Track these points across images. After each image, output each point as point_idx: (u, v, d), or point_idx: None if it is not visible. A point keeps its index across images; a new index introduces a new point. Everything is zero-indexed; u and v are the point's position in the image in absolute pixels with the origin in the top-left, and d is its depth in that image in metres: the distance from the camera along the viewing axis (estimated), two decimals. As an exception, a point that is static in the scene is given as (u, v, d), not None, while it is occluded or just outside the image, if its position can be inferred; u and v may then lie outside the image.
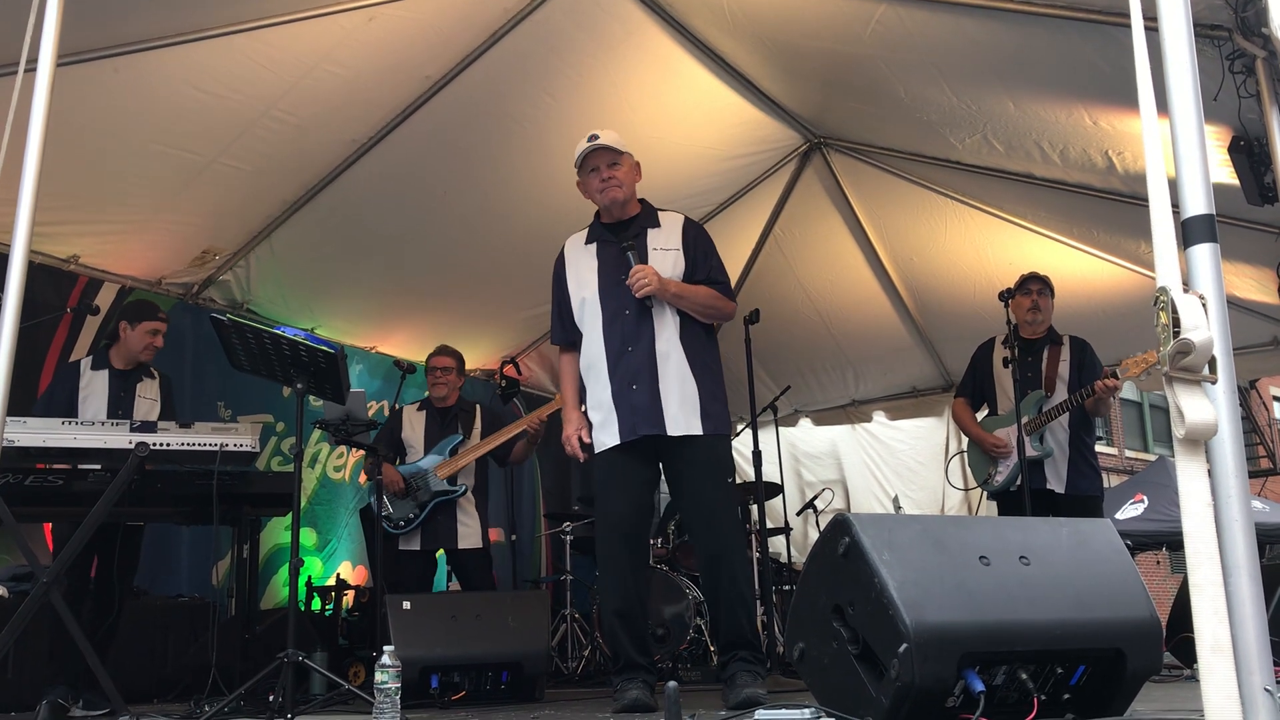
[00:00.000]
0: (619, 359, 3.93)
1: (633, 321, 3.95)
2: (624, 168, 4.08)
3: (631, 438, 3.88)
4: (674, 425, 3.85)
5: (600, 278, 4.05)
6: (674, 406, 3.86)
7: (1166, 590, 14.32)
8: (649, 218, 4.15)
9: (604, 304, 4.01)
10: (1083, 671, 2.56)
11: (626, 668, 3.82)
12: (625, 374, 3.91)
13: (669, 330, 3.94)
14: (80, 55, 4.25)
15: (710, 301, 4.03)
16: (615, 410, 3.92)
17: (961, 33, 4.53)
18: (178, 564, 5.88)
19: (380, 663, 3.28)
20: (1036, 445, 5.14)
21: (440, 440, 5.64)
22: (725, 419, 4.02)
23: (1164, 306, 1.85)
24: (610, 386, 3.94)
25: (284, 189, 5.64)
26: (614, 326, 3.97)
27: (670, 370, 3.89)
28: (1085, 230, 6.16)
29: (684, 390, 3.89)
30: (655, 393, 3.87)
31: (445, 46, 5.00)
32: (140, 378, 4.91)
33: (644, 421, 3.86)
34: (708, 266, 4.08)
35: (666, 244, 4.06)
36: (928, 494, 8.36)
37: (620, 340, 3.94)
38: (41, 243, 5.27)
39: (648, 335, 3.92)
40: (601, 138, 4.07)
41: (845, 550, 2.52)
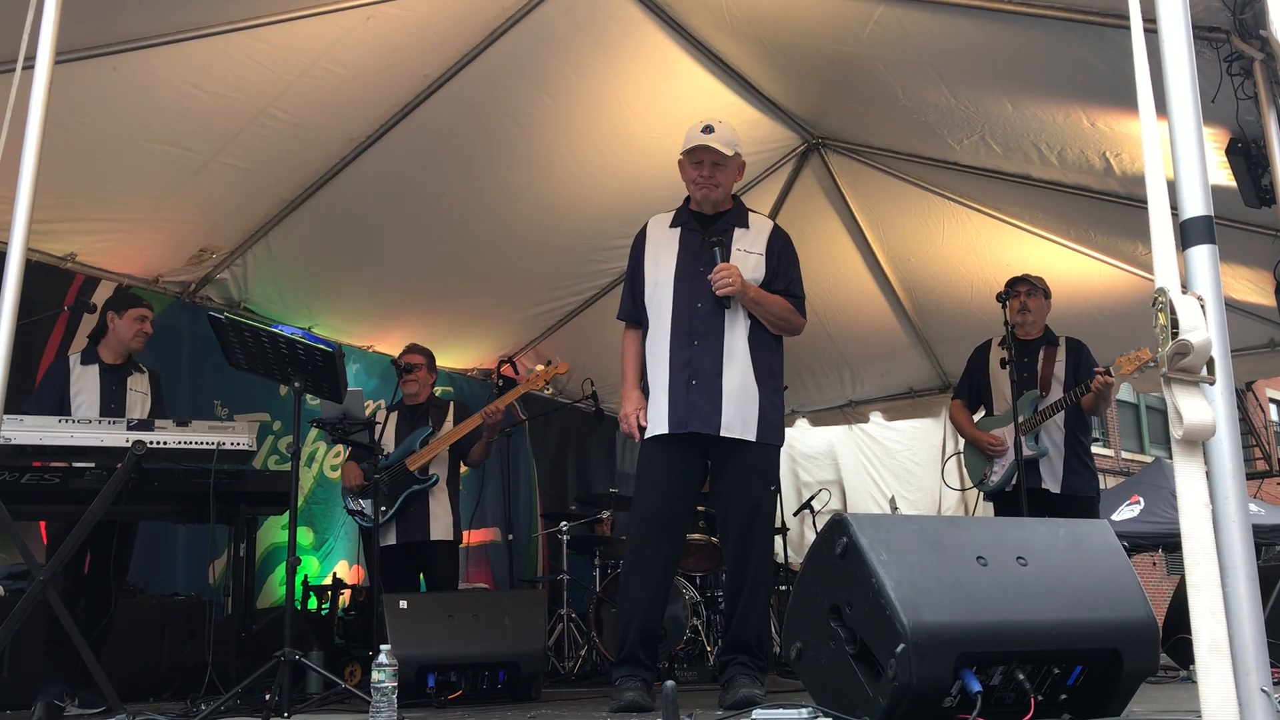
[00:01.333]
0: (684, 350, 3.87)
1: (705, 316, 3.89)
2: (728, 170, 4.02)
3: (680, 430, 3.82)
4: (728, 428, 3.81)
5: (679, 264, 3.98)
6: (731, 409, 3.81)
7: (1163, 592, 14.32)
8: (739, 216, 4.09)
9: (678, 292, 3.94)
10: (1079, 672, 2.56)
11: (627, 660, 3.78)
12: (687, 367, 3.85)
13: (739, 332, 3.89)
14: (78, 53, 4.24)
15: (784, 314, 3.99)
16: (669, 400, 3.86)
17: (960, 34, 4.53)
18: (174, 563, 5.87)
19: (377, 662, 3.27)
20: (1031, 445, 5.15)
21: (410, 434, 5.64)
22: (780, 430, 4.00)
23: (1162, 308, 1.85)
24: (669, 376, 3.88)
25: (281, 188, 5.63)
26: (684, 317, 3.91)
27: (734, 373, 3.84)
28: (1083, 232, 6.17)
29: (744, 395, 3.85)
30: (716, 392, 3.81)
31: (443, 45, 4.99)
32: (130, 372, 4.91)
33: (697, 418, 3.81)
34: (788, 278, 4.04)
35: (751, 247, 4.01)
36: (924, 495, 8.37)
37: (689, 332, 3.89)
38: (38, 240, 5.27)
39: (717, 333, 3.87)
40: (716, 133, 3.97)
41: (843, 550, 2.53)
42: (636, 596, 3.85)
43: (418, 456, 5.49)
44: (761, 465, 3.91)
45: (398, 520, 5.49)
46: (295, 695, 3.93)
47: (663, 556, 3.89)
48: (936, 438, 8.35)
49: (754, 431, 3.84)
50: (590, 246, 6.71)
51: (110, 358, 4.88)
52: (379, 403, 6.95)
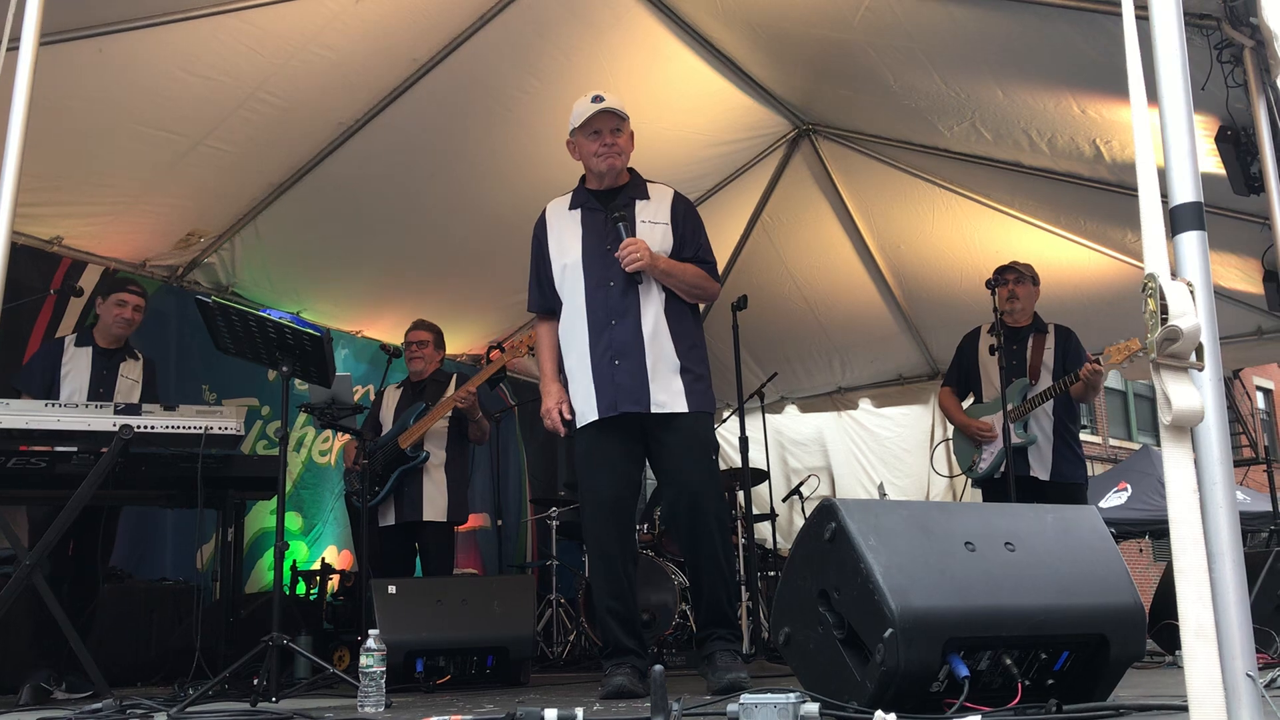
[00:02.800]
0: (602, 332, 3.80)
1: (618, 294, 3.81)
2: (625, 135, 3.94)
3: (611, 414, 3.77)
4: (659, 404, 3.75)
5: (584, 245, 3.90)
6: (658, 384, 3.75)
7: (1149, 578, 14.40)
8: (638, 189, 4.01)
9: (587, 273, 3.86)
10: (1067, 657, 2.57)
11: (615, 652, 3.76)
12: (608, 348, 3.78)
13: (655, 306, 3.82)
14: (64, 34, 4.21)
15: (698, 281, 3.92)
16: (595, 385, 3.79)
17: (950, 20, 4.53)
18: (162, 548, 5.87)
19: (365, 647, 3.28)
20: (1020, 432, 5.16)
21: (406, 411, 5.63)
22: (709, 397, 3.92)
23: (1152, 293, 1.85)
24: (590, 360, 3.81)
25: (270, 171, 5.61)
26: (597, 298, 3.83)
27: (656, 347, 3.77)
28: (1072, 219, 6.18)
29: (669, 368, 3.78)
30: (641, 370, 3.75)
31: (433, 29, 4.97)
32: (124, 358, 4.90)
33: (626, 398, 3.75)
34: (696, 244, 3.96)
35: (655, 217, 3.93)
36: (913, 481, 8.39)
37: (604, 312, 3.81)
38: (24, 224, 5.24)
39: (634, 310, 3.79)
40: (608, 100, 3.90)
41: (831, 535, 2.53)
42: (606, 588, 3.82)
43: (410, 433, 5.47)
44: (697, 436, 3.83)
45: (395, 500, 5.48)
46: (283, 680, 3.92)
47: (620, 543, 3.84)
48: (925, 424, 8.37)
49: (683, 402, 3.77)
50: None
51: (104, 342, 4.87)
52: (368, 388, 6.94)
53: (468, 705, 3.44)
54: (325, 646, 5.61)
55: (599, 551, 3.86)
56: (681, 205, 4.02)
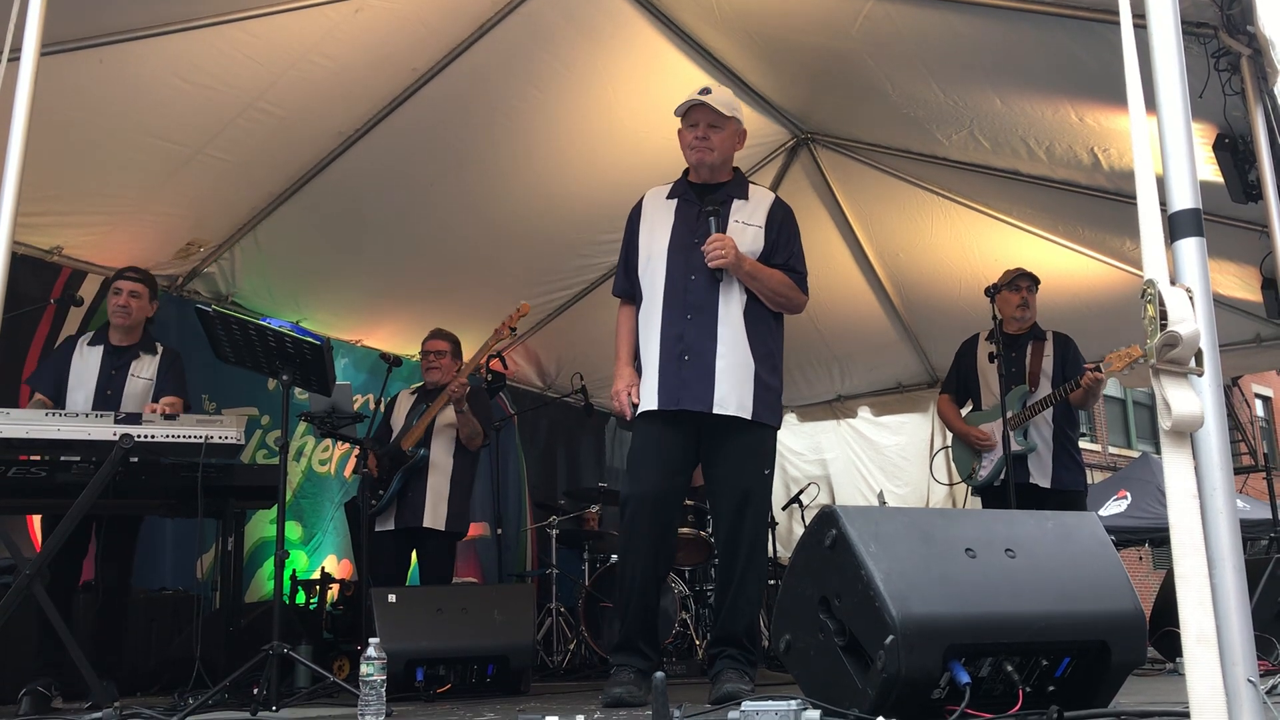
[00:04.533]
0: (676, 325, 3.73)
1: (699, 289, 3.74)
2: (725, 132, 3.86)
3: (672, 407, 3.69)
4: (722, 405, 3.66)
5: (674, 236, 3.84)
6: (725, 386, 3.66)
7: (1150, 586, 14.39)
8: (739, 188, 3.94)
9: (671, 264, 3.80)
10: (1067, 664, 2.57)
11: (623, 648, 3.71)
12: (680, 341, 3.71)
13: (735, 307, 3.74)
14: (64, 45, 4.23)
15: (783, 289, 3.84)
16: (660, 376, 3.72)
17: (949, 29, 4.54)
18: (162, 557, 5.86)
19: (365, 655, 3.27)
20: (1020, 440, 5.16)
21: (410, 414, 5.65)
22: (777, 410, 3.84)
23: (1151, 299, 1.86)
24: (660, 351, 3.74)
25: (270, 181, 5.62)
26: (677, 290, 3.76)
27: (729, 348, 3.70)
28: (1071, 227, 6.19)
29: (740, 372, 3.69)
30: (709, 369, 3.67)
31: (433, 39, 4.98)
32: (137, 354, 4.79)
33: (689, 395, 3.67)
34: (788, 252, 3.88)
35: (750, 219, 3.86)
36: (912, 490, 8.40)
37: (682, 306, 3.74)
38: (24, 234, 5.23)
39: (712, 307, 3.72)
40: (712, 94, 3.84)
41: (832, 542, 2.53)
42: (633, 580, 3.73)
43: (411, 434, 5.48)
44: (756, 447, 3.75)
45: (397, 504, 5.48)
46: (283, 689, 3.91)
47: (658, 539, 3.76)
48: (925, 433, 8.37)
49: (749, 409, 3.69)
50: (579, 240, 6.71)
51: (117, 339, 4.80)
52: (367, 396, 6.94)
53: (468, 714, 3.44)
54: (325, 655, 5.59)
55: (632, 545, 3.76)
56: (780, 211, 3.94)
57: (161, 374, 4.80)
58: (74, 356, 4.74)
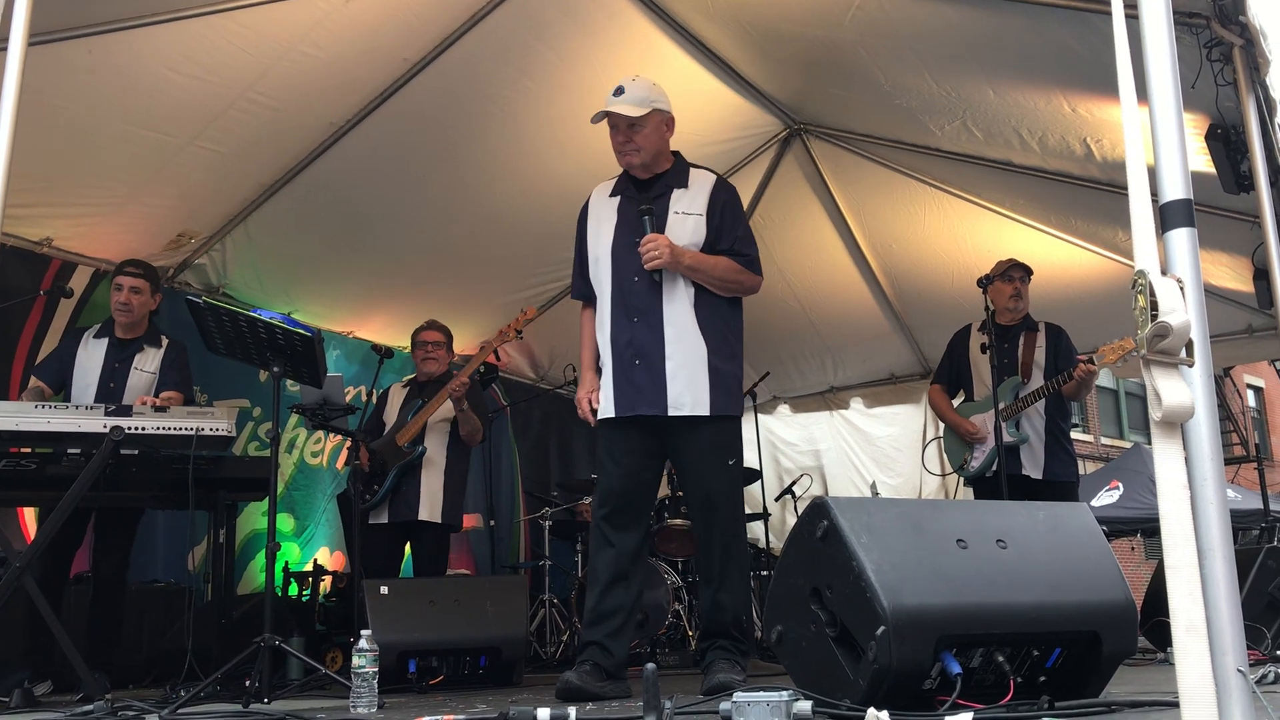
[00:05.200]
0: (624, 329, 3.70)
1: (642, 291, 3.68)
2: (646, 129, 3.76)
3: (627, 414, 3.67)
4: (677, 407, 3.62)
5: (616, 236, 3.78)
6: (678, 387, 3.62)
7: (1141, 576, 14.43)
8: (678, 176, 3.85)
9: (615, 266, 3.75)
10: (1058, 654, 2.58)
11: (589, 644, 3.68)
12: (629, 347, 3.68)
13: (681, 304, 3.68)
14: (53, 35, 4.19)
15: (730, 275, 3.76)
16: (614, 382, 3.70)
17: (941, 19, 4.53)
18: (153, 549, 5.84)
19: (358, 647, 3.27)
20: (1012, 431, 5.17)
21: (404, 409, 5.64)
22: (736, 399, 3.77)
23: (1142, 289, 1.86)
24: (612, 356, 3.72)
25: (260, 172, 5.60)
26: (622, 293, 3.72)
27: (679, 350, 3.64)
28: (1063, 218, 6.19)
29: (692, 371, 3.64)
30: (660, 372, 3.62)
31: (424, 29, 4.96)
32: (141, 347, 4.81)
33: (643, 400, 3.64)
34: (733, 236, 3.79)
35: (690, 207, 3.78)
36: (905, 481, 8.40)
37: (628, 309, 3.70)
38: (13, 225, 5.22)
39: (655, 309, 3.66)
40: (626, 93, 3.77)
41: (823, 533, 2.53)
42: (599, 579, 3.72)
43: (407, 429, 5.47)
44: (717, 441, 3.69)
45: (391, 498, 5.47)
46: (276, 681, 3.91)
47: (625, 538, 3.71)
48: (917, 424, 8.37)
49: (706, 404, 3.63)
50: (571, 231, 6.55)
51: (121, 332, 4.81)
52: (359, 389, 6.93)
53: (460, 705, 3.43)
54: (318, 648, 5.59)
55: (597, 545, 3.77)
56: (722, 195, 3.85)
57: (165, 368, 4.83)
58: (79, 349, 4.75)
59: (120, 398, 4.64)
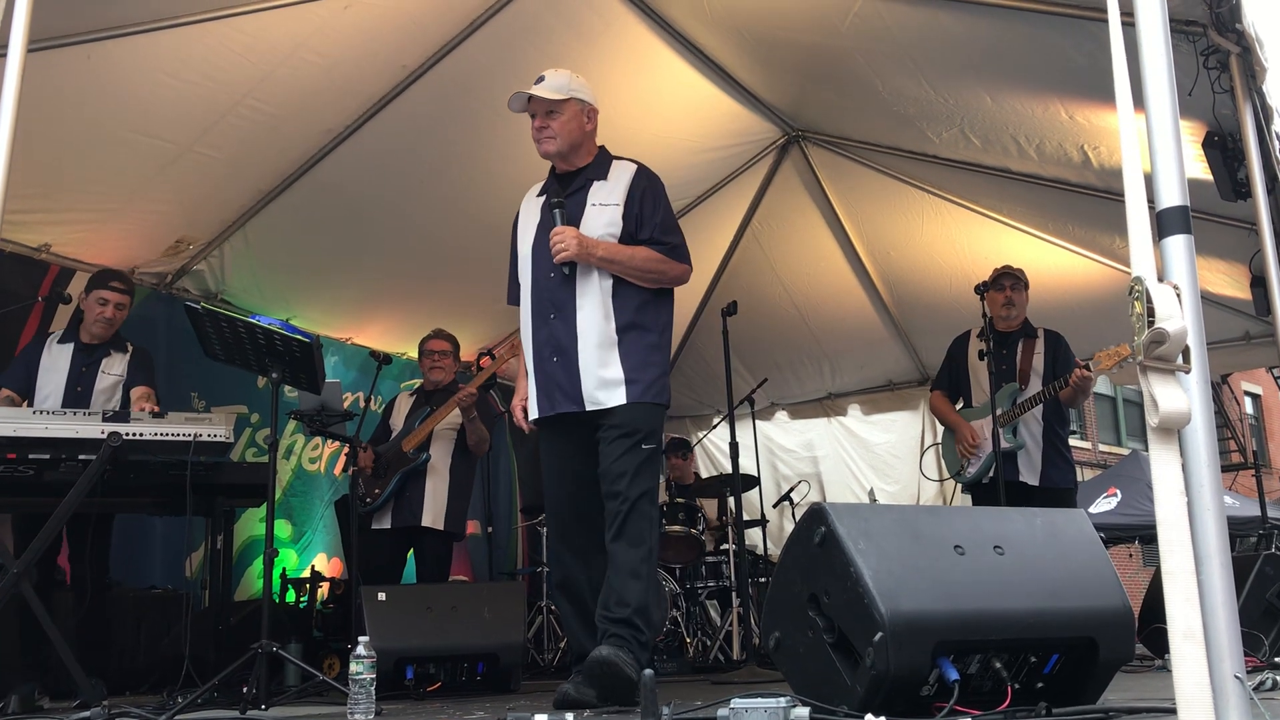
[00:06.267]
0: (542, 326, 3.62)
1: (557, 286, 3.59)
2: (563, 116, 3.65)
3: (549, 413, 3.60)
4: (593, 400, 3.53)
5: (536, 234, 3.71)
6: (592, 382, 3.52)
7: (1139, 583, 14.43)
8: (599, 168, 3.73)
9: (534, 264, 3.68)
10: (1056, 660, 2.58)
11: (581, 657, 3.55)
12: (546, 344, 3.61)
13: (594, 298, 3.56)
14: (52, 41, 4.20)
15: (650, 265, 3.61)
16: (536, 382, 3.65)
17: (939, 26, 4.55)
18: (151, 555, 5.85)
19: (355, 654, 3.26)
20: (1009, 437, 5.17)
21: (411, 416, 5.65)
22: (655, 385, 3.58)
23: (1139, 296, 1.86)
24: (533, 356, 3.66)
25: (259, 178, 5.60)
26: (539, 290, 3.65)
27: (595, 341, 3.53)
28: (1060, 225, 6.20)
29: (605, 365, 3.53)
30: (574, 368, 3.53)
31: (423, 35, 4.97)
32: (107, 352, 4.81)
33: (562, 397, 3.56)
34: (652, 225, 3.64)
35: (607, 198, 3.65)
36: (902, 487, 8.40)
37: (545, 305, 3.62)
38: (12, 231, 5.22)
39: (569, 303, 3.57)
40: (546, 81, 3.67)
41: (821, 539, 2.53)
42: (570, 594, 3.66)
43: (413, 436, 5.48)
44: (627, 425, 3.50)
45: (395, 503, 5.48)
46: (273, 688, 3.90)
47: (586, 550, 3.61)
48: (915, 430, 8.38)
49: (622, 394, 3.51)
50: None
51: (88, 338, 4.82)
52: (357, 394, 6.93)
53: (458, 712, 3.43)
54: (315, 654, 5.58)
55: (554, 555, 3.75)
56: (641, 183, 3.71)
57: (131, 369, 4.84)
58: (43, 354, 4.75)
59: (88, 401, 4.66)
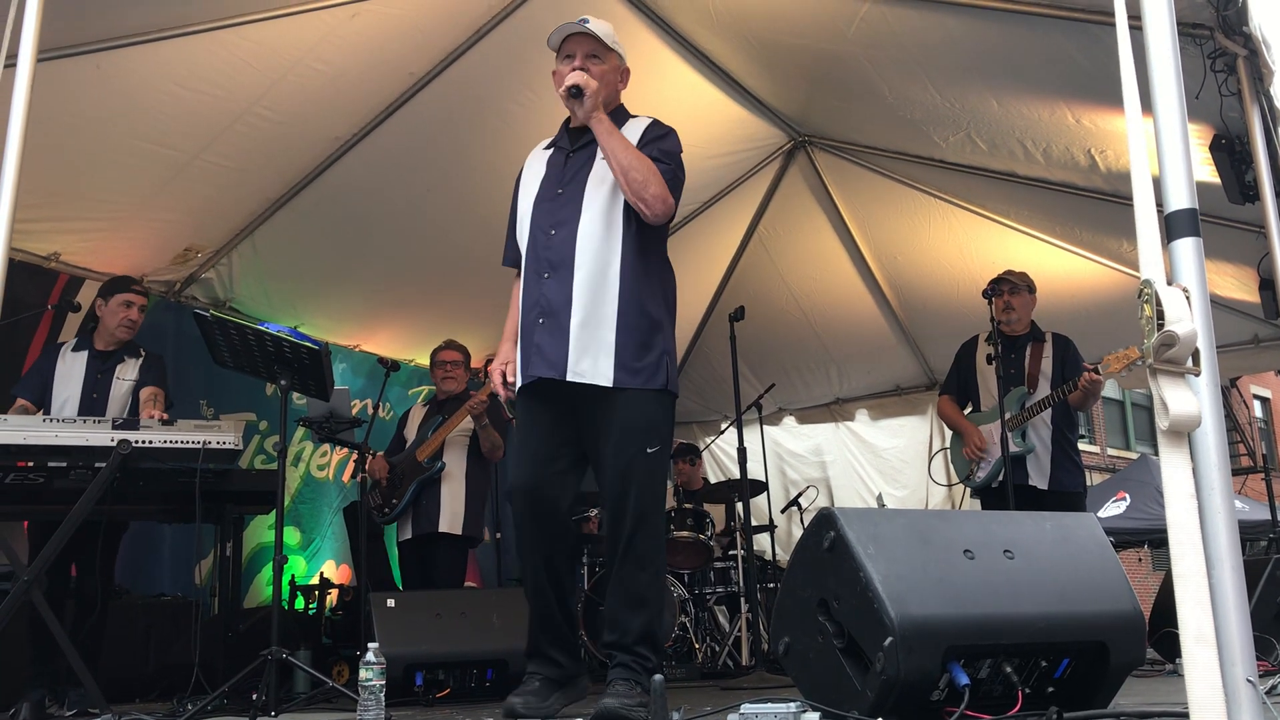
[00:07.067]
0: (535, 285, 3.29)
1: (558, 244, 3.27)
2: (606, 65, 3.39)
3: (526, 379, 3.26)
4: (577, 370, 3.16)
5: (541, 187, 3.41)
6: (581, 348, 3.17)
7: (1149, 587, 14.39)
8: (617, 120, 3.43)
9: (534, 220, 3.36)
10: (1067, 664, 2.57)
11: (531, 655, 3.36)
12: (536, 304, 3.26)
13: (598, 260, 3.23)
14: (61, 51, 4.22)
15: (641, 164, 3.23)
16: (521, 345, 3.31)
17: (945, 31, 4.55)
18: (160, 563, 5.86)
19: (364, 660, 3.26)
20: (1018, 441, 5.16)
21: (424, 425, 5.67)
22: (658, 372, 3.25)
23: (1148, 299, 1.86)
24: (523, 317, 3.32)
25: (267, 186, 5.62)
26: (535, 248, 3.33)
27: (592, 305, 3.19)
28: (1068, 228, 6.19)
29: (603, 332, 3.19)
30: (563, 330, 3.18)
31: (429, 43, 4.99)
32: (121, 358, 4.81)
33: (541, 361, 3.20)
34: (656, 146, 3.35)
35: None
36: (911, 492, 8.38)
37: (541, 262, 3.29)
38: (21, 240, 5.24)
39: (568, 262, 3.23)
40: (592, 23, 3.39)
41: (830, 544, 2.53)
42: (528, 584, 3.35)
43: (426, 445, 5.49)
44: (630, 418, 3.18)
45: (412, 513, 5.50)
46: (282, 694, 3.91)
47: (545, 536, 3.29)
48: (923, 435, 8.36)
49: (609, 377, 3.16)
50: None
51: (102, 344, 4.82)
52: (365, 401, 6.94)
53: (467, 719, 3.43)
54: (324, 661, 5.59)
55: (520, 546, 3.37)
56: (655, 130, 3.43)
57: (144, 372, 4.84)
58: (58, 363, 4.76)
59: (104, 408, 4.66)
